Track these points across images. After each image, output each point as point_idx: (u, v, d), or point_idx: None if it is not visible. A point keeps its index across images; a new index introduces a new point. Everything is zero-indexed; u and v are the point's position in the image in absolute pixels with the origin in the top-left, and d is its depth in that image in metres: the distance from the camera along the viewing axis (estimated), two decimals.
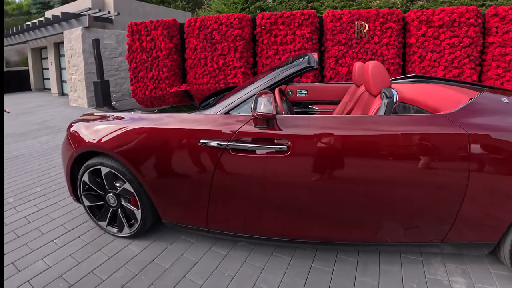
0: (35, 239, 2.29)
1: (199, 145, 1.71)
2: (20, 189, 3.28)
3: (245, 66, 6.35)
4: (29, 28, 12.37)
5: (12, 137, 5.81)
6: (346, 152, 1.58)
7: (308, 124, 1.64)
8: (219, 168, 1.71)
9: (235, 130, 1.66)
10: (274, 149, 1.60)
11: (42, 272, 1.92)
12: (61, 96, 12.47)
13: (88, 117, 2.36)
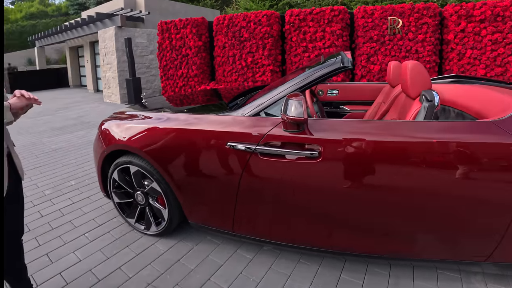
0: (68, 232, 2.39)
1: (227, 147, 1.67)
2: (57, 182, 3.45)
3: (273, 63, 6.28)
4: (67, 28, 13.06)
5: (52, 131, 6.15)
6: (381, 160, 1.47)
7: (342, 129, 1.54)
8: (246, 171, 1.66)
9: (264, 134, 1.60)
10: (305, 155, 1.53)
11: (73, 265, 1.98)
12: (96, 93, 13.06)
13: (119, 116, 2.41)
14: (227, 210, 1.81)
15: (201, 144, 1.78)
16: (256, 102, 1.78)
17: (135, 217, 2.25)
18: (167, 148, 1.91)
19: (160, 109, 2.46)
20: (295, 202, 1.65)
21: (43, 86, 15.52)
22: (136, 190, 2.17)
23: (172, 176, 1.91)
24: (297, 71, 2.49)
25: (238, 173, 1.68)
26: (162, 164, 1.92)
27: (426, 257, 1.60)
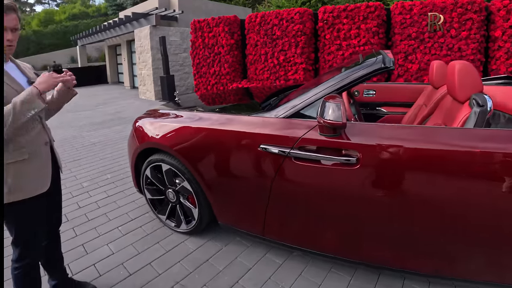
0: (103, 224, 2.48)
1: (259, 150, 1.63)
2: (94, 175, 3.61)
3: (306, 62, 6.16)
4: (106, 28, 13.72)
5: (91, 126, 6.48)
6: (425, 170, 1.35)
7: (383, 134, 1.44)
8: (279, 175, 1.61)
9: (298, 137, 1.54)
10: (341, 161, 1.45)
11: (106, 257, 2.05)
12: (132, 89, 13.61)
13: (152, 113, 2.46)
14: (258, 213, 1.77)
15: (232, 145, 1.76)
16: (290, 104, 1.71)
17: (166, 214, 2.29)
18: (198, 147, 1.91)
19: (193, 107, 2.47)
20: (329, 210, 1.57)
21: (84, 83, 16.47)
22: (167, 188, 2.20)
23: (202, 176, 1.90)
24: (332, 71, 2.39)
25: (271, 176, 1.63)
26: (193, 164, 1.92)
27: (470, 278, 1.46)
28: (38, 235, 1.41)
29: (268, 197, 1.68)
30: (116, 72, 16.88)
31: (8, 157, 1.26)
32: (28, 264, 1.39)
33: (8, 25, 1.22)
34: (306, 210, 1.64)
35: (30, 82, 1.39)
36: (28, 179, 1.31)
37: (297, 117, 1.65)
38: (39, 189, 1.35)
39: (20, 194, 1.29)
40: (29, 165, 1.31)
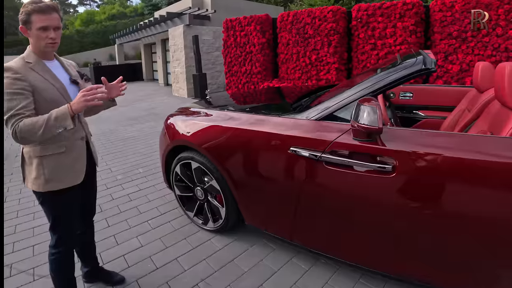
0: (134, 217, 2.57)
1: (289, 152, 1.59)
2: (128, 168, 3.76)
3: (339, 61, 6.01)
4: (142, 27, 14.27)
5: (127, 121, 6.76)
6: (467, 182, 1.24)
7: (422, 142, 1.34)
8: (309, 180, 1.56)
9: (330, 141, 1.48)
10: (376, 168, 1.36)
11: (135, 249, 2.12)
12: (166, 86, 14.04)
13: (184, 111, 2.50)
14: (286, 217, 1.74)
15: (262, 146, 1.74)
16: (322, 105, 1.66)
17: (194, 211, 2.32)
18: (227, 147, 1.91)
19: (224, 106, 2.48)
20: (360, 218, 1.50)
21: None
22: (196, 186, 2.23)
23: (231, 176, 1.90)
24: (367, 72, 2.29)
25: (300, 180, 1.59)
26: (221, 163, 1.93)
27: None
28: (73, 224, 1.49)
29: (297, 200, 1.63)
30: (151, 70, 17.52)
31: (48, 150, 1.35)
32: (63, 250, 1.47)
33: (51, 24, 1.29)
34: (336, 216, 1.58)
35: (72, 80, 1.46)
36: (64, 171, 1.39)
37: (330, 119, 1.59)
38: (73, 181, 1.42)
39: (56, 185, 1.37)
40: (65, 158, 1.39)
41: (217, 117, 2.09)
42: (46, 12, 1.27)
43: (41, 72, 1.33)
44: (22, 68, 1.28)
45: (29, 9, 1.25)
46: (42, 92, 1.30)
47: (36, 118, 1.22)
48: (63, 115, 1.23)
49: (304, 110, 1.74)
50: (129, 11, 34.42)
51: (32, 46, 1.35)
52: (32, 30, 1.28)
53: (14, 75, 1.25)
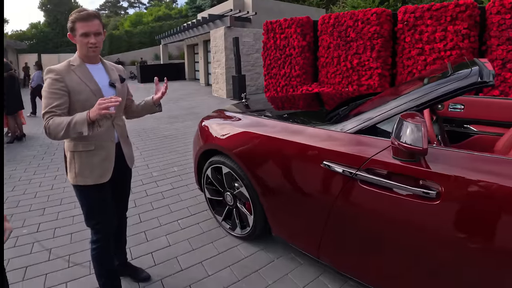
0: (165, 215, 2.64)
1: (322, 166, 1.50)
2: (163, 166, 3.89)
3: (382, 67, 5.71)
4: (185, 28, 14.81)
5: (167, 119, 7.03)
6: None
7: (473, 166, 1.17)
8: (342, 197, 1.45)
9: (367, 158, 1.36)
10: (418, 193, 1.21)
11: (163, 248, 2.16)
12: (206, 86, 14.42)
13: (218, 115, 2.51)
14: (314, 233, 1.65)
15: (294, 157, 1.67)
16: (360, 117, 1.54)
17: (222, 216, 2.32)
18: (258, 154, 1.88)
19: (260, 111, 2.45)
20: (396, 245, 1.35)
21: (164, 78, 18.06)
22: (226, 190, 2.23)
23: (260, 184, 1.87)
24: (413, 81, 2.13)
25: (332, 197, 1.49)
26: (251, 170, 1.90)
27: None
28: (104, 218, 1.55)
29: (327, 217, 1.54)
30: (193, 70, 18.12)
31: (78, 146, 1.45)
32: (101, 246, 1.56)
33: (91, 30, 1.39)
34: (368, 240, 1.45)
35: (110, 83, 1.53)
36: (91, 168, 1.47)
37: (367, 133, 1.47)
38: (99, 179, 1.49)
39: (83, 180, 1.46)
40: (93, 157, 1.47)
41: (250, 123, 2.06)
42: (87, 20, 1.38)
43: (80, 75, 1.43)
44: (63, 70, 1.40)
45: (73, 17, 1.38)
46: (77, 93, 1.40)
47: (62, 119, 1.31)
48: (81, 121, 1.29)
49: (340, 121, 1.65)
50: (174, 13, 35.91)
51: (78, 51, 1.47)
52: (76, 37, 1.40)
53: (55, 76, 1.37)
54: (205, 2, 25.74)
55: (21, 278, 1.89)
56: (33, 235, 2.38)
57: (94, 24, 1.39)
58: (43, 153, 4.75)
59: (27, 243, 2.28)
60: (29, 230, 2.47)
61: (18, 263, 2.03)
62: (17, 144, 5.42)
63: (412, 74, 5.46)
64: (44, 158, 4.46)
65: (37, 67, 8.43)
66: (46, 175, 3.76)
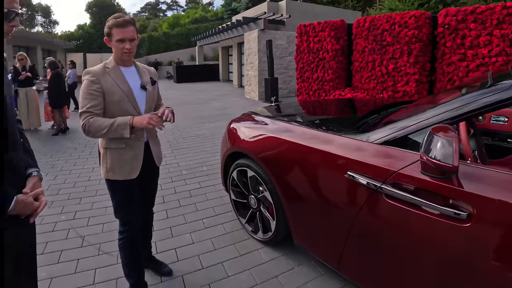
0: (191, 213, 2.72)
1: (346, 176, 1.46)
2: (193, 165, 4.01)
3: (420, 73, 5.46)
4: (220, 30, 15.16)
5: (199, 119, 7.24)
6: None
7: None
8: (365, 210, 1.40)
9: (394, 171, 1.29)
10: (447, 213, 1.13)
11: (186, 245, 2.23)
12: (239, 88, 14.61)
13: (246, 118, 2.54)
14: (335, 245, 1.61)
15: (318, 164, 1.66)
16: (388, 127, 1.49)
17: (246, 218, 2.35)
18: (283, 160, 1.88)
19: (289, 116, 2.44)
20: (421, 264, 1.27)
21: (199, 78, 18.73)
22: (250, 194, 2.25)
23: (284, 190, 1.87)
24: (450, 90, 2.02)
25: (355, 209, 1.44)
26: (275, 175, 1.91)
27: None
28: (131, 212, 1.64)
29: (349, 230, 1.49)
30: (227, 71, 18.46)
31: (111, 143, 1.55)
32: (128, 237, 1.65)
33: (126, 36, 1.48)
34: (392, 257, 1.38)
35: (142, 86, 1.62)
36: (121, 165, 1.57)
37: (395, 145, 1.40)
38: (127, 175, 1.58)
39: (113, 175, 1.57)
40: (123, 154, 1.57)
41: (278, 128, 2.07)
42: (123, 26, 1.47)
43: (114, 77, 1.53)
44: (99, 72, 1.51)
45: (110, 23, 1.48)
46: (111, 94, 1.50)
47: (102, 121, 1.44)
48: (123, 125, 1.44)
49: (368, 130, 1.60)
50: (210, 15, 36.82)
51: (113, 54, 1.58)
52: (112, 41, 1.50)
53: (91, 78, 1.48)
54: (240, 4, 26.10)
55: (56, 261, 2.06)
56: (69, 222, 2.58)
57: (129, 30, 1.48)
58: (83, 146, 5.10)
59: (64, 228, 2.48)
60: (66, 217, 2.68)
61: (55, 247, 2.21)
62: (61, 136, 5.88)
63: (452, 82, 5.16)
64: (84, 151, 4.80)
65: (72, 65, 8.95)
66: (85, 166, 4.05)
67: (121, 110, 1.53)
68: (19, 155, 1.11)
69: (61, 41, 22.19)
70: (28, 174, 1.15)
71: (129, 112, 1.54)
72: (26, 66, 6.11)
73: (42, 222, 2.53)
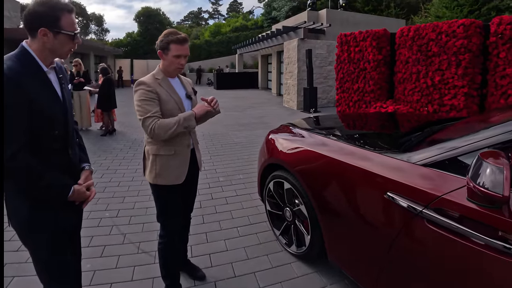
0: (226, 220, 2.79)
1: (385, 197, 1.43)
2: (230, 172, 4.11)
3: (469, 85, 5.11)
4: (260, 39, 15.42)
5: (238, 126, 7.40)
6: None
7: None
8: (405, 234, 1.35)
9: (437, 196, 1.22)
10: (495, 245, 1.04)
11: (220, 252, 2.29)
12: (278, 96, 14.70)
13: (285, 129, 2.57)
14: (371, 267, 1.57)
15: (357, 182, 1.64)
16: (433, 148, 1.43)
17: (280, 230, 2.36)
18: (320, 175, 1.88)
19: (329, 129, 2.43)
20: None
21: (238, 86, 19.17)
22: (286, 206, 2.27)
23: (320, 206, 1.87)
24: (504, 109, 1.90)
25: (394, 232, 1.39)
26: (312, 189, 1.91)
27: None
28: (174, 216, 1.74)
29: (387, 253, 1.44)
30: (266, 79, 18.69)
31: (160, 150, 1.65)
32: (167, 241, 1.74)
33: (184, 53, 1.61)
34: (433, 286, 1.30)
35: (187, 95, 1.75)
36: (169, 170, 1.66)
37: (440, 167, 1.34)
38: (175, 180, 1.68)
39: (161, 180, 1.67)
40: (172, 160, 1.66)
41: (316, 142, 2.07)
42: (182, 43, 1.58)
43: (165, 87, 1.65)
44: (152, 82, 1.61)
45: (170, 39, 1.57)
46: (165, 103, 1.61)
47: (168, 120, 1.55)
48: (189, 117, 1.59)
49: (411, 149, 1.55)
50: (250, 24, 37.56)
51: (162, 66, 1.68)
52: (168, 56, 1.61)
53: (147, 87, 1.58)
54: (280, 13, 26.39)
55: (99, 255, 2.24)
56: (112, 219, 2.78)
57: (186, 47, 1.61)
58: (128, 147, 5.46)
59: (108, 225, 2.67)
60: (110, 214, 2.89)
61: (99, 242, 2.40)
62: (109, 137, 6.36)
63: (506, 96, 4.77)
64: (128, 152, 5.15)
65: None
66: (129, 167, 4.33)
67: (172, 117, 1.63)
68: (75, 152, 1.33)
69: (111, 48, 23.86)
70: (82, 167, 1.36)
71: None
72: (80, 72, 6.75)
73: (89, 217, 2.74)
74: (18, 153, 1.05)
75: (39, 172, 1.11)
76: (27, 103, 1.07)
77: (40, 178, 1.11)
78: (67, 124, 1.24)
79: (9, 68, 1.05)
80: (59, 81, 1.25)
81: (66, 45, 1.18)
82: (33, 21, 1.11)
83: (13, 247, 2.22)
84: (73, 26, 1.17)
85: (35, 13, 1.10)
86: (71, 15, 1.16)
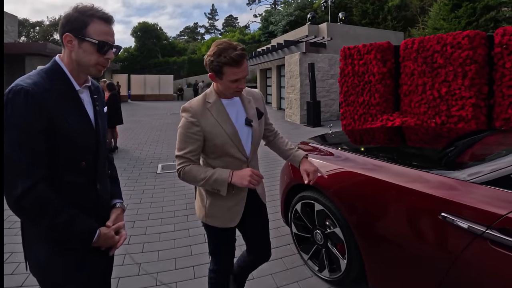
0: None
1: (440, 218, 1.35)
2: None
3: (476, 96, 5.13)
4: (259, 54, 15.50)
5: None
6: None
7: None
8: (465, 258, 1.27)
9: (501, 215, 1.17)
10: None
11: (248, 280, 2.06)
12: (278, 110, 14.63)
13: (308, 147, 2.48)
14: None
15: (404, 203, 1.55)
16: (489, 164, 1.37)
17: (309, 254, 2.24)
18: (361, 196, 1.79)
19: (359, 149, 2.33)
20: None
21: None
22: (316, 228, 2.17)
23: (359, 229, 1.77)
24: None
25: (452, 256, 1.32)
26: (350, 212, 1.82)
27: None
28: (226, 254, 1.56)
29: (443, 280, 1.35)
30: (265, 93, 18.70)
31: None
32: (217, 277, 1.58)
33: (242, 76, 1.29)
34: None
35: (247, 121, 1.41)
36: (221, 211, 1.43)
37: (497, 184, 1.28)
38: (227, 223, 1.45)
39: (212, 221, 1.45)
40: (226, 200, 1.40)
41: (352, 160, 1.97)
42: (238, 64, 1.25)
43: (216, 115, 1.34)
44: (199, 110, 1.33)
45: (222, 61, 1.23)
46: (214, 137, 1.33)
47: (200, 172, 1.29)
48: (221, 181, 1.28)
49: (454, 166, 1.49)
50: (247, 38, 38.05)
51: (216, 87, 1.38)
52: (223, 80, 1.29)
53: (191, 118, 1.31)
54: (278, 27, 26.80)
55: None
56: (125, 247, 2.52)
57: (244, 67, 1.28)
58: (132, 166, 5.27)
59: (120, 254, 2.41)
60: None
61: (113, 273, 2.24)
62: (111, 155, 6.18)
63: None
64: (133, 172, 4.93)
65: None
66: (135, 188, 4.11)
67: (223, 152, 1.36)
68: (105, 186, 1.14)
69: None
70: (113, 204, 1.17)
71: (231, 154, 1.37)
72: None
73: None
74: (31, 190, 0.86)
75: (55, 209, 0.91)
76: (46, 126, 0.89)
77: (56, 216, 0.91)
78: (98, 153, 1.05)
79: (34, 83, 0.90)
80: (93, 103, 1.08)
81: (91, 57, 0.98)
82: (62, 26, 0.97)
83: None
84: (102, 35, 0.98)
85: (65, 17, 0.97)
86: (104, 24, 0.99)
